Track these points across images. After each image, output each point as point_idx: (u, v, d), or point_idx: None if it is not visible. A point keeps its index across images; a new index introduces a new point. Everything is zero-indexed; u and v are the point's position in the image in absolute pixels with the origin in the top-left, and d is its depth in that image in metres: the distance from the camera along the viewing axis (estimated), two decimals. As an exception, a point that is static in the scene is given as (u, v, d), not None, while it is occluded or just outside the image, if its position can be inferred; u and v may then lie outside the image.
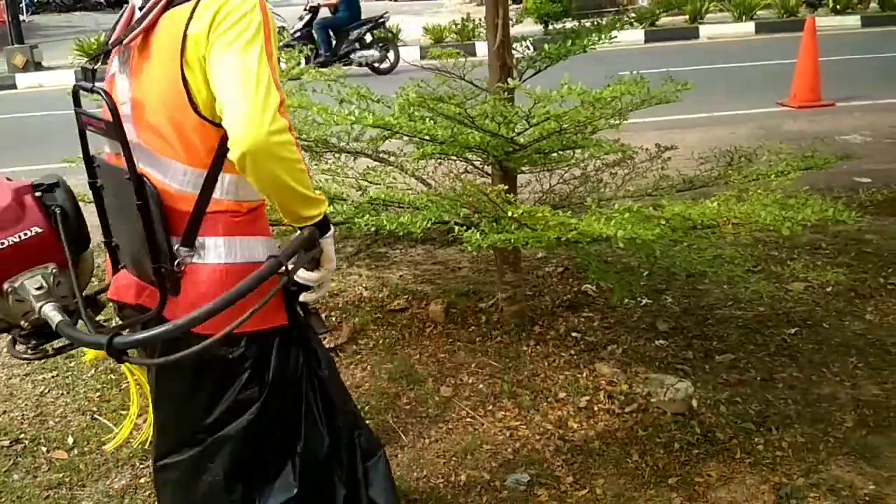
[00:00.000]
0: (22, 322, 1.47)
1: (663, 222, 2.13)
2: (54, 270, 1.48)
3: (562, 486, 2.55)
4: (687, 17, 15.33)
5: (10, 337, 1.55)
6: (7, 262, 1.43)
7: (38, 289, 1.45)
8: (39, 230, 1.45)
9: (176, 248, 1.55)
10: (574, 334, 3.45)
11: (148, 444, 1.96)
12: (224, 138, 1.47)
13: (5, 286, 1.43)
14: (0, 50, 15.40)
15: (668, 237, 2.27)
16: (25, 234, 1.44)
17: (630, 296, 3.43)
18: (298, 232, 1.59)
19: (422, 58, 10.33)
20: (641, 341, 3.36)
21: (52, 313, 1.44)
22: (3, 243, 1.42)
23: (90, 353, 1.65)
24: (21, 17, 17.39)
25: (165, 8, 1.51)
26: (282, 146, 1.42)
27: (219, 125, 1.48)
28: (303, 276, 1.66)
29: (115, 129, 1.47)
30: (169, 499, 1.79)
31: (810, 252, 4.19)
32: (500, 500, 2.52)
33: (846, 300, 3.66)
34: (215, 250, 1.58)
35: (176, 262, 1.54)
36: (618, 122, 3.09)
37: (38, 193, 1.56)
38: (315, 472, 1.77)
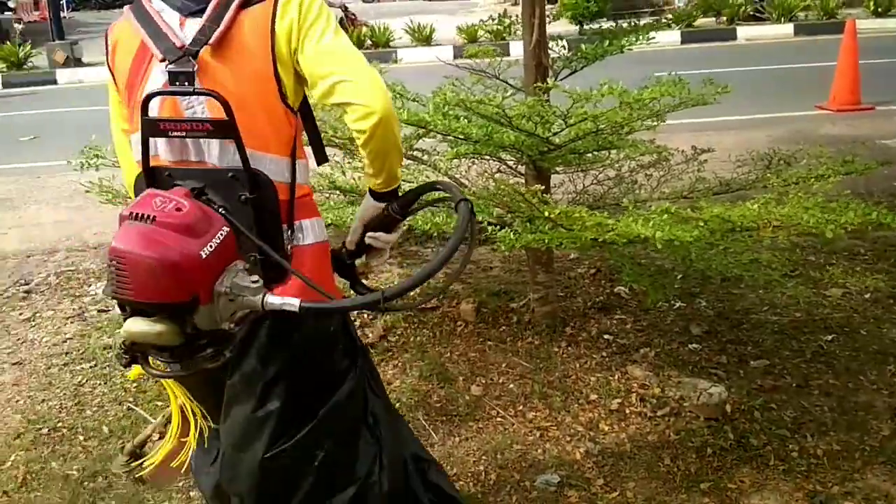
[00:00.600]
0: (226, 325, 1.42)
1: (702, 224, 2.10)
2: (246, 265, 1.45)
3: (592, 488, 2.54)
4: (724, 18, 15.16)
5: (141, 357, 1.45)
6: (217, 263, 1.39)
7: (254, 282, 1.42)
8: (227, 229, 1.43)
9: (287, 233, 1.65)
10: (606, 336, 3.43)
11: (186, 465, 1.97)
12: (296, 125, 1.66)
13: (218, 288, 1.39)
14: (41, 46, 15.72)
15: (707, 239, 2.25)
16: (221, 235, 1.41)
17: (663, 298, 3.40)
18: (369, 197, 1.75)
19: (455, 57, 10.34)
20: (674, 345, 3.33)
21: (281, 300, 1.42)
22: (210, 246, 1.38)
23: (135, 369, 1.59)
24: (62, 14, 17.73)
25: (241, 7, 1.57)
26: (394, 110, 1.59)
27: (295, 113, 1.65)
28: (384, 238, 1.79)
29: (230, 127, 1.50)
30: (279, 486, 1.78)
31: (849, 258, 4.12)
32: (529, 500, 2.51)
33: (884, 307, 3.59)
34: (312, 231, 1.71)
35: (289, 248, 1.64)
36: (655, 123, 3.07)
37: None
38: (382, 429, 1.89)
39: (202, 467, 1.96)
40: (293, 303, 1.40)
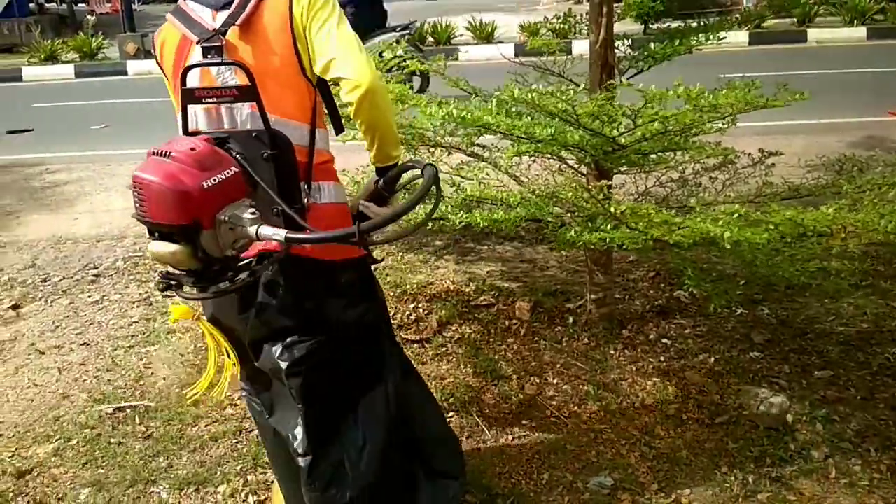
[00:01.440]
0: (228, 251, 1.66)
1: (772, 227, 2.05)
2: (251, 203, 1.69)
3: (646, 493, 2.51)
4: (795, 19, 14.76)
5: (174, 285, 1.71)
6: (219, 195, 1.63)
7: (251, 214, 1.66)
8: (235, 170, 1.68)
9: (305, 189, 1.90)
10: (664, 341, 3.38)
11: (224, 394, 2.20)
12: (317, 97, 1.93)
13: (219, 216, 1.63)
14: (113, 37, 16.20)
15: (776, 244, 2.20)
16: (228, 173, 1.66)
17: (726, 304, 3.33)
18: (375, 177, 2.04)
19: (516, 55, 10.31)
20: (735, 352, 3.26)
21: (272, 231, 1.65)
22: (214, 180, 1.62)
23: (175, 313, 1.90)
24: (133, 7, 18.21)
25: None
26: (385, 89, 1.88)
27: (314, 86, 1.91)
28: (373, 209, 2.05)
29: (252, 92, 1.78)
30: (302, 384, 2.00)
31: (920, 269, 3.98)
32: (582, 501, 2.50)
33: (958, 321, 3.46)
34: (328, 192, 1.97)
35: (305, 203, 1.88)
36: (726, 125, 3.00)
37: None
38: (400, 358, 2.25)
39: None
40: (280, 233, 1.63)
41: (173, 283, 1.71)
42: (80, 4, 26.13)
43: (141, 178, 1.61)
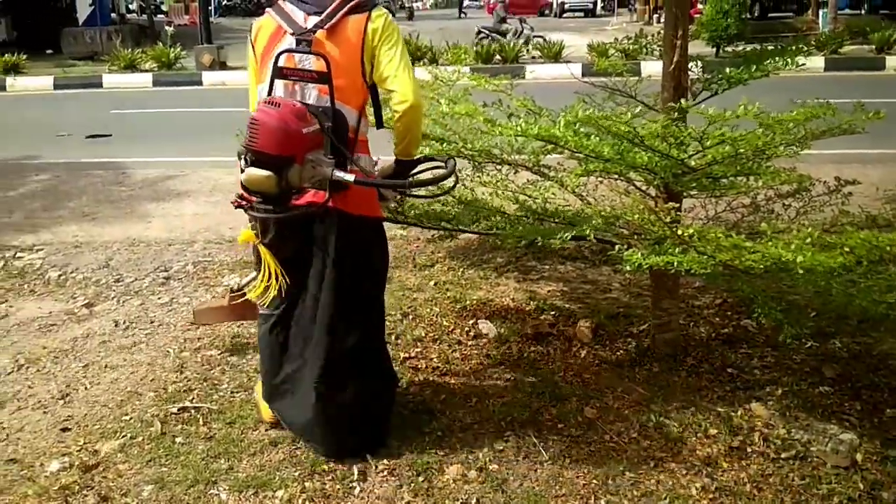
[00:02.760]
0: (305, 184, 2.36)
1: (846, 250, 1.99)
2: (327, 153, 2.39)
3: (707, 525, 2.45)
4: (873, 46, 14.35)
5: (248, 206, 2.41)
6: (311, 141, 2.35)
7: (330, 159, 2.37)
8: (317, 127, 2.37)
9: (351, 158, 2.50)
10: (730, 370, 3.30)
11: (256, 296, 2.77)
12: (367, 94, 2.58)
13: (308, 156, 2.33)
14: (190, 48, 16.74)
15: (853, 274, 2.12)
16: (314, 128, 2.36)
17: (797, 335, 3.24)
18: (394, 165, 2.70)
19: (584, 75, 10.26)
20: (804, 385, 3.16)
21: (344, 174, 2.37)
22: (309, 129, 2.34)
23: (242, 237, 2.57)
24: (210, 19, 18.77)
25: (346, 14, 2.49)
26: (423, 105, 2.65)
27: (368, 87, 2.56)
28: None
29: (328, 77, 2.42)
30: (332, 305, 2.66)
31: None
32: (640, 530, 2.45)
33: None
34: (363, 161, 2.57)
35: (350, 167, 2.47)
36: (798, 150, 2.92)
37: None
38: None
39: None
40: (349, 176, 2.38)
41: (246, 204, 2.39)
42: (159, 15, 27.09)
43: (259, 117, 2.29)
